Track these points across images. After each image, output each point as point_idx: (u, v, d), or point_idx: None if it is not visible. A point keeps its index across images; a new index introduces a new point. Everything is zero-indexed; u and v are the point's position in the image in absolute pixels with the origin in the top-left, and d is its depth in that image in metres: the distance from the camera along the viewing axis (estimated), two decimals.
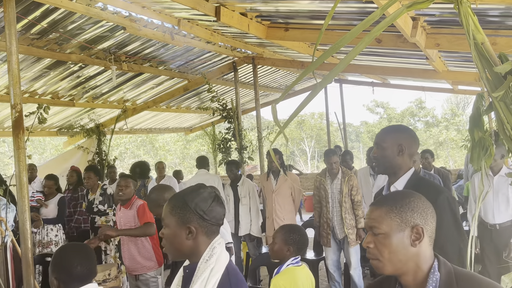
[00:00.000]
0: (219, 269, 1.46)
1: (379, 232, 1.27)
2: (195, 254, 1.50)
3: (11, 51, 2.89)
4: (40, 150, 24.57)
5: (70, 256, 1.95)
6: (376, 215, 1.30)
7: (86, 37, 5.05)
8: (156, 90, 8.05)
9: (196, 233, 1.48)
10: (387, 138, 2.07)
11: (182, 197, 1.52)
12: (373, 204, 1.36)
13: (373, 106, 30.34)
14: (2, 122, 7.16)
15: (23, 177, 2.95)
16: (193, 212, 1.48)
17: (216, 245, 1.51)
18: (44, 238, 5.12)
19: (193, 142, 26.02)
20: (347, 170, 4.75)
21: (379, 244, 1.27)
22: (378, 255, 1.27)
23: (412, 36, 3.56)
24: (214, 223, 1.52)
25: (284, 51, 6.82)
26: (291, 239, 2.49)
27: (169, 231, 1.51)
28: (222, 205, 1.57)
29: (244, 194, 5.41)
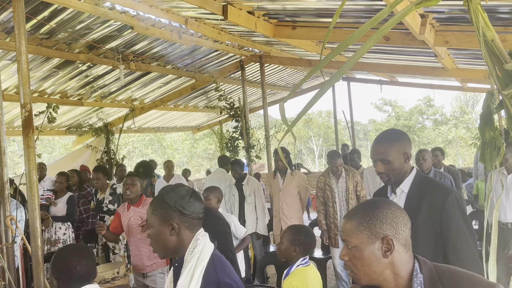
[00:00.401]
0: (205, 257, 1.54)
1: (351, 246, 1.28)
2: (181, 248, 1.59)
3: (20, 51, 2.91)
4: (49, 149, 24.80)
5: (70, 256, 1.96)
6: (347, 228, 1.30)
7: (94, 36, 5.08)
8: (163, 89, 8.08)
9: (179, 229, 1.57)
10: (391, 151, 2.00)
11: (162, 197, 1.61)
12: (345, 216, 1.35)
13: (381, 104, 30.20)
14: (12, 121, 7.23)
15: (33, 175, 2.97)
16: (173, 209, 1.56)
17: (199, 237, 1.60)
18: (53, 236, 5.16)
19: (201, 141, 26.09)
20: (349, 167, 4.78)
21: (352, 257, 1.28)
22: (353, 267, 1.29)
23: (421, 34, 3.53)
24: (194, 217, 1.60)
25: (291, 49, 6.81)
26: (298, 240, 2.49)
27: (153, 230, 1.59)
28: (200, 200, 1.66)
29: (249, 193, 5.41)
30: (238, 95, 8.49)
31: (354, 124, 10.79)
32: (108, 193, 5.26)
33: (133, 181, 3.78)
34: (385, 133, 2.09)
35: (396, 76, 9.28)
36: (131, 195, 3.75)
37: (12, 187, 3.44)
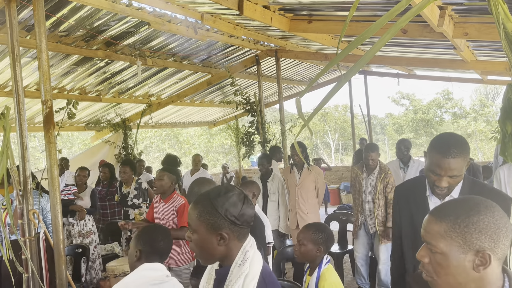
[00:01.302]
0: (255, 276, 1.39)
1: (436, 251, 1.12)
2: (227, 258, 1.44)
3: (41, 48, 2.97)
4: (68, 145, 25.24)
5: (156, 233, 2.29)
6: (434, 230, 1.12)
7: (112, 33, 5.14)
8: (180, 85, 8.13)
9: (228, 239, 1.41)
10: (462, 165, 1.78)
11: (210, 201, 1.42)
12: (432, 214, 1.16)
13: (399, 98, 29.83)
14: (33, 117, 7.38)
15: (54, 170, 3.05)
16: (223, 218, 1.39)
17: (249, 248, 1.45)
18: (83, 228, 5.29)
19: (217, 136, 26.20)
20: (386, 166, 4.60)
21: (435, 262, 1.13)
22: (433, 274, 1.14)
23: (439, 26, 3.47)
24: (245, 226, 1.45)
25: (307, 43, 6.77)
26: (321, 239, 2.46)
27: (198, 237, 1.43)
28: (252, 206, 1.50)
29: (273, 191, 5.38)
30: (254, 90, 8.50)
31: (371, 118, 10.68)
32: (133, 188, 5.36)
33: (161, 176, 3.78)
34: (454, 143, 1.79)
35: (414, 69, 9.16)
36: (157, 190, 3.80)
37: (35, 181, 3.53)
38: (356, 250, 4.71)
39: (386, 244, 4.46)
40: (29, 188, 3.07)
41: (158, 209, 3.83)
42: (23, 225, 3.07)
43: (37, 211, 3.13)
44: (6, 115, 2.73)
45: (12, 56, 3.01)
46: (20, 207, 3.04)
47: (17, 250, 3.11)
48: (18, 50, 3.07)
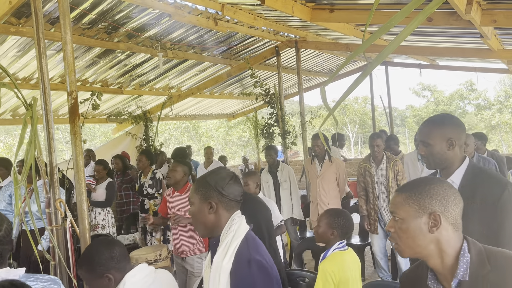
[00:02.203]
0: (239, 236, 1.63)
1: (398, 217, 1.31)
2: (217, 227, 1.68)
3: (66, 41, 3.00)
4: (90, 137, 25.69)
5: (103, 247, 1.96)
6: (396, 201, 1.33)
7: (133, 25, 5.18)
8: (200, 77, 8.16)
9: (217, 207, 1.68)
10: (433, 134, 1.91)
11: (204, 177, 1.74)
12: (396, 190, 1.38)
13: (420, 89, 29.31)
14: (57, 110, 7.52)
15: (79, 161, 3.09)
16: (213, 188, 1.68)
17: (236, 217, 1.69)
18: (92, 221, 5.36)
19: (235, 128, 26.27)
20: (392, 155, 4.63)
21: (398, 229, 1.31)
22: (397, 239, 1.32)
23: (467, 13, 3.37)
24: (232, 198, 1.70)
25: (328, 33, 6.69)
26: (336, 223, 2.48)
27: (194, 207, 1.72)
28: (240, 184, 1.76)
29: (284, 179, 5.43)
30: (273, 82, 8.46)
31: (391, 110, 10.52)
32: (148, 177, 5.43)
33: (174, 167, 3.83)
34: (435, 116, 2.01)
35: (437, 59, 8.96)
36: (170, 181, 3.84)
37: (60, 172, 3.60)
38: (373, 244, 4.68)
39: None
40: (56, 178, 3.13)
41: (173, 201, 3.86)
42: (50, 213, 3.14)
43: (63, 200, 3.19)
44: (34, 106, 2.78)
45: (38, 48, 3.05)
46: (47, 196, 3.11)
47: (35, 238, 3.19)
48: (44, 42, 3.11)
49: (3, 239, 1.56)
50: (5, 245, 1.58)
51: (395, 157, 4.59)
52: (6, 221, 1.60)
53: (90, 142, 25.19)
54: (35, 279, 1.58)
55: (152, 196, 5.41)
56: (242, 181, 3.81)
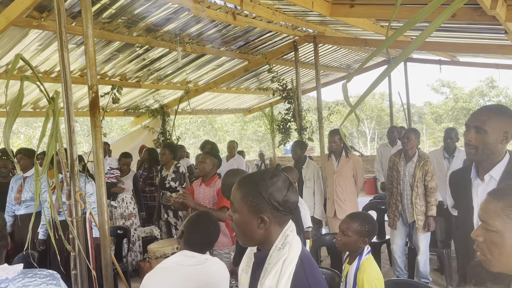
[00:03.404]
0: (293, 259, 1.39)
1: (491, 229, 1.13)
2: (266, 242, 1.45)
3: (87, 34, 3.03)
4: (107, 130, 25.99)
5: (206, 225, 2.28)
6: (491, 208, 1.14)
7: (152, 19, 5.21)
8: (217, 71, 8.17)
9: (269, 223, 1.42)
10: (492, 122, 1.77)
11: (255, 184, 1.43)
12: (491, 194, 1.19)
13: (438, 86, 28.81)
14: (76, 103, 7.63)
15: (100, 153, 3.13)
16: (267, 202, 1.40)
17: (289, 233, 1.45)
18: (125, 211, 5.47)
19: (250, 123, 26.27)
20: (425, 154, 4.45)
21: (489, 241, 1.14)
22: (487, 252, 1.15)
23: (492, 9, 3.29)
24: (288, 213, 1.45)
25: (347, 28, 6.62)
26: (366, 231, 2.39)
27: (239, 217, 1.45)
28: (297, 193, 1.50)
29: (308, 177, 5.36)
30: (291, 77, 8.42)
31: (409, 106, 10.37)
32: (171, 171, 5.48)
33: (203, 159, 3.83)
34: (495, 105, 1.90)
35: (458, 55, 8.79)
36: (199, 173, 3.85)
37: (81, 164, 3.65)
38: (393, 241, 4.61)
39: (426, 234, 4.35)
40: (76, 170, 3.17)
41: (199, 192, 3.87)
42: (70, 205, 3.19)
43: (84, 192, 3.23)
44: (56, 100, 2.82)
45: (60, 42, 3.08)
46: (68, 188, 3.16)
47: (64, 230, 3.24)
48: (66, 36, 3.15)
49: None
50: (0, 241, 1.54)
51: (427, 157, 4.41)
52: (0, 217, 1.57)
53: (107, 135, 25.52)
54: (34, 274, 1.55)
55: (174, 189, 5.46)
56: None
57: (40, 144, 2.96)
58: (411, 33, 6.02)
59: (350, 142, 27.38)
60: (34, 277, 1.54)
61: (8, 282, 1.46)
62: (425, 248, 4.41)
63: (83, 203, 3.24)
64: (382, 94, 27.87)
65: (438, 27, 1.71)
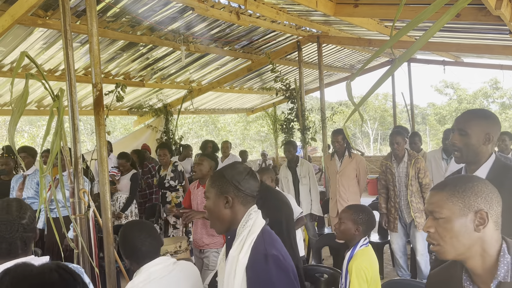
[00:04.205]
0: (255, 230, 1.60)
1: (440, 217, 1.24)
2: (234, 222, 1.66)
3: (92, 33, 3.04)
4: (111, 129, 26.06)
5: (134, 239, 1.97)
6: (437, 199, 1.26)
7: (156, 19, 5.22)
8: (220, 71, 8.18)
9: (233, 202, 1.65)
10: (474, 125, 1.89)
11: (221, 171, 1.72)
12: (433, 188, 1.31)
13: (442, 87, 28.73)
14: (80, 101, 7.65)
15: (103, 152, 3.14)
16: (229, 183, 1.65)
17: (252, 212, 1.66)
18: (117, 210, 5.44)
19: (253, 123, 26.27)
20: (413, 152, 4.53)
21: (440, 228, 1.24)
22: (440, 239, 1.25)
23: (497, 9, 3.28)
24: (248, 193, 1.67)
25: (351, 28, 6.61)
26: (360, 219, 2.46)
27: (210, 202, 1.69)
28: (256, 179, 1.73)
29: (304, 174, 5.39)
30: (294, 76, 8.42)
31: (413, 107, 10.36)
32: (170, 170, 5.48)
33: (200, 160, 3.82)
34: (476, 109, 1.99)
35: (462, 56, 8.77)
36: (196, 175, 3.84)
37: (85, 162, 3.67)
38: (393, 241, 4.62)
39: (422, 232, 4.36)
40: (80, 168, 3.19)
41: (197, 194, 3.86)
42: (73, 203, 3.20)
43: (87, 190, 3.25)
44: (60, 98, 2.83)
45: (65, 40, 3.10)
46: (71, 186, 3.17)
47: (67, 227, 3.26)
48: (70, 34, 3.16)
49: (27, 226, 1.59)
50: (29, 233, 1.60)
51: (417, 155, 4.49)
52: (29, 209, 1.63)
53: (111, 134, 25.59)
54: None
55: (174, 188, 5.46)
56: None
57: (45, 142, 2.98)
58: (415, 33, 6.01)
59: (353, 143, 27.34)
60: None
61: None
62: (423, 248, 4.42)
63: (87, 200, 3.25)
64: (386, 95, 27.81)
65: (442, 27, 1.72)
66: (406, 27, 1.78)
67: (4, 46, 5.02)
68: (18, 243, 1.56)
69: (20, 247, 1.56)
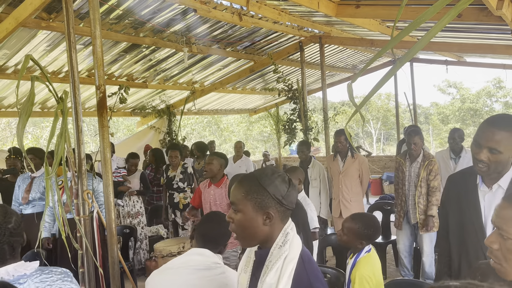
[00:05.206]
0: (294, 257, 1.39)
1: (508, 237, 1.08)
2: (268, 240, 1.44)
3: (95, 35, 3.06)
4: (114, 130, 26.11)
5: (211, 221, 2.21)
6: (507, 215, 1.09)
7: (159, 20, 5.24)
8: (223, 72, 8.20)
9: (274, 218, 1.42)
10: (507, 142, 1.71)
11: (257, 181, 1.43)
12: (505, 199, 1.15)
13: (445, 86, 28.67)
14: (83, 103, 7.69)
15: (107, 153, 3.16)
16: (271, 197, 1.41)
17: (289, 231, 1.45)
18: (132, 209, 5.49)
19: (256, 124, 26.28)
20: (429, 154, 4.46)
21: (505, 249, 1.09)
22: (502, 260, 1.10)
23: (498, 9, 3.29)
24: (290, 207, 1.46)
25: (353, 29, 6.62)
26: (365, 235, 2.40)
27: (243, 216, 1.43)
28: (296, 188, 1.52)
29: (315, 177, 5.38)
30: (296, 77, 8.43)
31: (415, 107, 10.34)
32: (179, 171, 5.50)
33: (210, 160, 3.83)
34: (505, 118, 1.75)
35: (464, 56, 8.75)
36: (207, 174, 3.85)
37: (89, 163, 3.69)
38: (399, 242, 4.61)
39: (430, 234, 4.34)
40: (84, 170, 3.21)
41: (209, 194, 3.86)
42: (78, 204, 3.22)
43: (91, 191, 3.27)
44: (65, 100, 2.86)
45: (68, 42, 3.12)
46: (75, 187, 3.20)
47: (72, 228, 3.28)
48: (74, 37, 3.18)
49: (14, 231, 1.58)
50: (16, 237, 1.59)
51: (432, 156, 4.41)
52: (15, 214, 1.63)
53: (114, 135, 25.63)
54: (50, 271, 1.61)
55: (182, 190, 5.48)
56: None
57: (50, 144, 3.00)
58: (417, 33, 6.01)
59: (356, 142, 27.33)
60: (51, 273, 1.60)
61: (27, 278, 1.53)
62: (430, 249, 4.40)
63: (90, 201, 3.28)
64: (388, 95, 27.79)
65: (443, 27, 1.73)
66: (407, 28, 1.79)
67: (8, 48, 5.05)
68: (6, 248, 1.55)
69: (8, 252, 1.56)
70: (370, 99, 28.81)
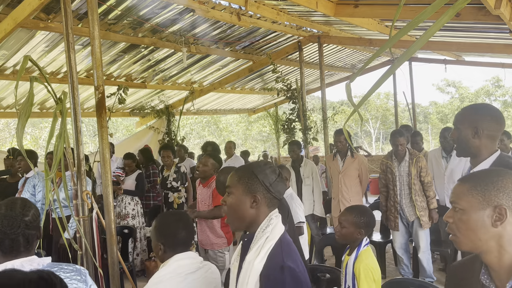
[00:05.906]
0: (273, 238, 1.54)
1: (458, 208, 1.25)
2: (254, 223, 1.59)
3: (94, 36, 3.06)
4: (113, 130, 26.11)
5: (175, 224, 2.06)
6: (458, 190, 1.27)
7: (158, 20, 5.24)
8: (222, 72, 8.20)
9: (260, 203, 1.58)
10: (463, 120, 1.98)
11: (251, 169, 1.63)
12: (459, 179, 1.31)
13: (444, 86, 28.72)
14: (82, 103, 7.69)
15: (106, 153, 3.17)
16: (260, 182, 1.58)
17: (273, 217, 1.60)
18: (122, 210, 5.43)
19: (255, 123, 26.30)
20: (414, 151, 4.56)
21: (458, 219, 1.25)
22: (456, 230, 1.26)
23: (496, 8, 3.29)
24: (276, 196, 1.62)
25: (351, 28, 6.62)
26: (362, 222, 2.47)
27: (234, 198, 1.61)
28: (284, 182, 1.69)
29: (307, 175, 5.42)
30: (295, 77, 8.43)
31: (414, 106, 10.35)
32: (173, 171, 5.50)
33: (205, 162, 3.85)
34: (474, 104, 2.05)
35: (463, 55, 8.76)
36: (199, 174, 3.87)
37: (88, 164, 3.69)
38: (395, 240, 4.66)
39: (425, 230, 4.41)
40: (83, 170, 3.21)
41: (199, 193, 3.94)
42: (77, 205, 3.22)
43: (90, 192, 3.27)
44: (64, 100, 2.86)
45: (67, 43, 3.12)
46: (75, 188, 3.19)
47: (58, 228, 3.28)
48: (72, 37, 3.18)
49: (30, 224, 1.59)
50: (32, 230, 1.60)
51: (418, 154, 4.52)
52: (34, 208, 1.64)
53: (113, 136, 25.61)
54: (59, 269, 1.60)
55: (176, 189, 5.48)
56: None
57: (49, 144, 3.00)
58: (416, 32, 6.02)
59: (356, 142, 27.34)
60: (59, 271, 1.60)
61: None
62: (426, 245, 4.46)
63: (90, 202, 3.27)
64: (387, 94, 27.83)
65: (441, 26, 1.73)
66: (406, 27, 1.80)
67: (7, 49, 5.05)
68: (21, 240, 1.56)
69: (22, 245, 1.57)
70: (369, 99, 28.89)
